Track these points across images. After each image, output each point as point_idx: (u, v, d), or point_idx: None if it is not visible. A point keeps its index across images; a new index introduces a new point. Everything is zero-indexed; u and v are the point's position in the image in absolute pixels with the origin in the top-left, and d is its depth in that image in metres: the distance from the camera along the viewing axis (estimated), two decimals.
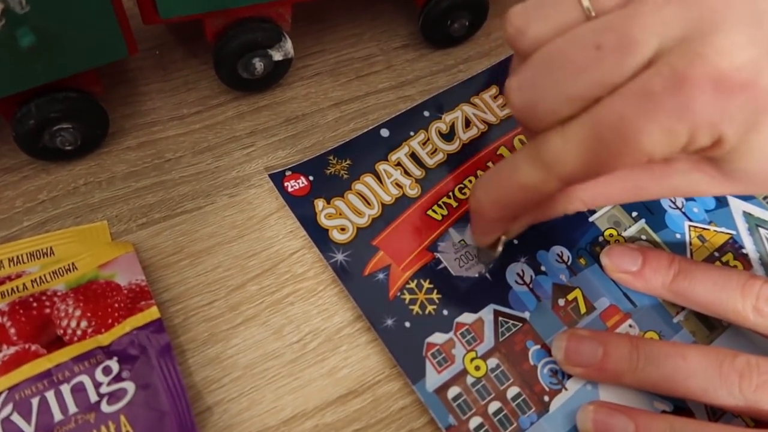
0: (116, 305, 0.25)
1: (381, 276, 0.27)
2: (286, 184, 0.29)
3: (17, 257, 0.26)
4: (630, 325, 0.28)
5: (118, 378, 0.23)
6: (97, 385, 0.22)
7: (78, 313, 0.24)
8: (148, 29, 0.32)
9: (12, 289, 0.25)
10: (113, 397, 0.22)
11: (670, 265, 0.27)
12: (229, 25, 0.28)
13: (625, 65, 0.17)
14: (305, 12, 0.34)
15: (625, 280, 0.28)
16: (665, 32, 0.17)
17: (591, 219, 0.30)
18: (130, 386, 0.23)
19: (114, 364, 0.23)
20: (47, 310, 0.24)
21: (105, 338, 0.24)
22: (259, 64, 0.29)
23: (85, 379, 0.22)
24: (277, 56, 0.29)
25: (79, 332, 0.24)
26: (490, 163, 0.31)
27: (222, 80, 0.30)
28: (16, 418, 0.21)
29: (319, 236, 0.28)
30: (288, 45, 0.29)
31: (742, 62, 0.16)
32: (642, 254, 0.28)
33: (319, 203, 0.29)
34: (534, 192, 0.20)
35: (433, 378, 0.25)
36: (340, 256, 0.27)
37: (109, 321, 0.24)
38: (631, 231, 0.30)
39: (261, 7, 0.28)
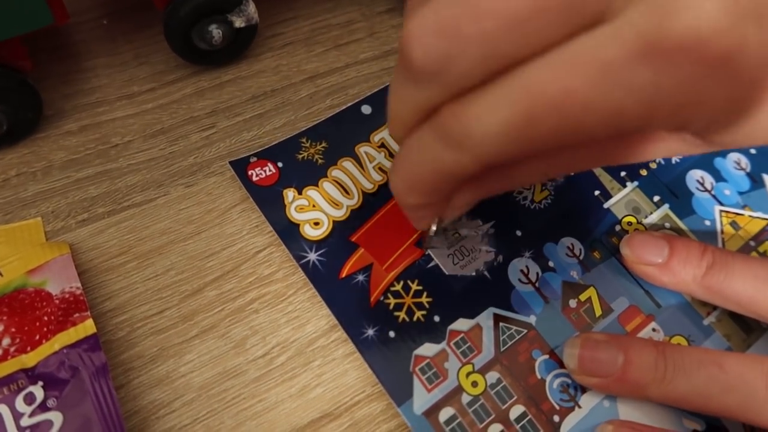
0: (45, 318, 0.21)
1: (361, 278, 0.23)
2: (250, 172, 0.25)
3: None
4: (653, 329, 0.24)
5: (42, 407, 0.19)
6: (18, 417, 0.19)
7: (0, 328, 0.20)
8: None
9: None
10: (36, 430, 0.19)
11: (702, 256, 0.23)
12: None
13: (573, 18, 0.13)
14: None
15: (649, 274, 0.24)
16: None
17: (606, 205, 0.26)
18: (56, 417, 0.19)
19: (38, 391, 0.19)
20: None
21: (30, 359, 0.20)
22: (217, 32, 0.25)
23: (2, 409, 0.19)
24: (238, 22, 0.25)
25: None
26: None
27: (176, 52, 0.26)
28: None
29: (289, 233, 0.24)
30: (251, 9, 0.25)
31: (725, 25, 0.12)
32: (669, 243, 0.24)
33: (289, 194, 0.25)
34: (449, 175, 0.16)
35: (422, 398, 0.21)
36: (312, 256, 0.23)
37: (37, 337, 0.20)
38: (653, 218, 0.26)
39: None
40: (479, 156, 0.15)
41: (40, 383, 0.19)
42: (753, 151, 0.29)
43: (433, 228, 0.22)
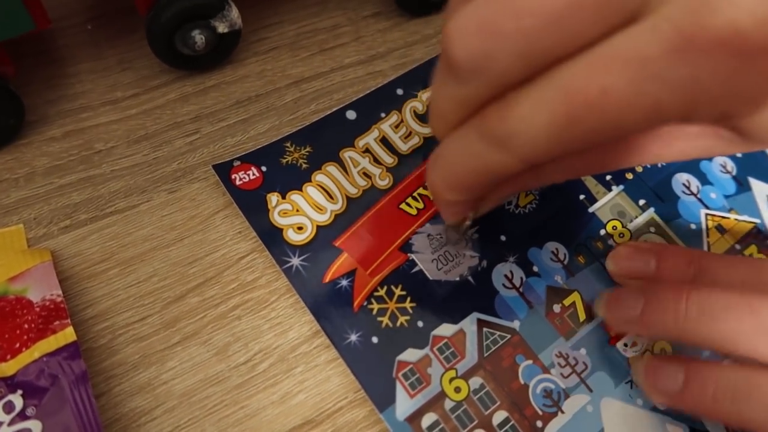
0: (26, 326, 0.21)
1: (344, 283, 0.23)
2: (233, 176, 0.25)
3: None
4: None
5: (22, 416, 0.19)
6: None
7: None
8: (78, 1, 0.28)
9: None
10: None
11: (689, 265, 0.23)
12: None
13: (609, 15, 0.13)
14: None
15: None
16: None
17: (591, 210, 0.26)
18: (35, 426, 0.19)
19: (17, 399, 0.19)
20: None
21: (9, 367, 0.20)
22: (199, 38, 0.25)
23: None
24: (221, 27, 0.25)
25: None
26: None
27: (159, 58, 0.26)
28: None
29: (272, 237, 0.24)
30: (233, 14, 0.25)
31: (760, 14, 0.12)
32: (656, 254, 0.23)
33: (273, 198, 0.25)
34: (492, 174, 0.16)
35: (404, 403, 0.21)
36: (296, 261, 0.23)
37: (16, 345, 0.20)
38: (639, 222, 0.26)
39: None
40: (524, 156, 0.15)
41: (20, 392, 0.19)
42: (739, 154, 0.29)
43: (468, 223, 0.23)
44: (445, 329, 0.23)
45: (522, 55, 0.14)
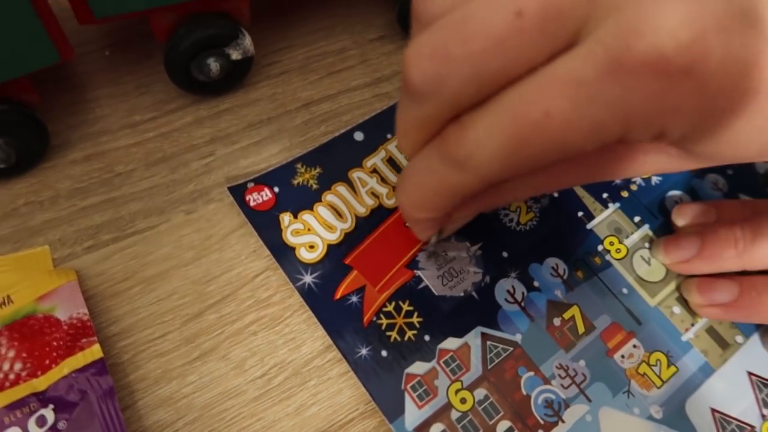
0: (54, 344, 0.22)
1: (354, 299, 0.24)
2: (248, 197, 0.26)
3: None
4: (634, 345, 0.25)
5: (54, 429, 0.20)
6: None
7: (11, 354, 0.22)
8: (97, 27, 0.30)
9: None
10: None
11: (742, 207, 0.27)
12: (180, 22, 0.25)
13: (549, 40, 0.14)
14: (269, 4, 0.31)
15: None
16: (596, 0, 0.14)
17: (589, 226, 0.27)
18: None
19: (49, 413, 0.20)
20: None
21: (40, 383, 0.21)
22: (214, 65, 0.26)
23: (16, 431, 0.20)
24: (235, 55, 0.26)
25: (12, 376, 0.21)
26: None
27: (176, 84, 0.27)
28: None
29: (285, 256, 0.25)
30: (247, 42, 0.26)
31: (685, 40, 0.13)
32: (714, 205, 0.27)
33: (285, 218, 0.26)
34: (455, 193, 0.17)
35: (413, 414, 0.23)
36: (308, 278, 0.25)
37: (46, 362, 0.21)
38: (634, 237, 0.27)
39: (215, 2, 0.25)
40: (481, 176, 0.16)
41: (51, 406, 0.21)
42: (730, 171, 0.30)
43: (434, 240, 0.24)
44: (451, 343, 0.24)
45: (471, 78, 0.15)
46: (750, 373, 0.25)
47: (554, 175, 0.21)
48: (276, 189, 0.26)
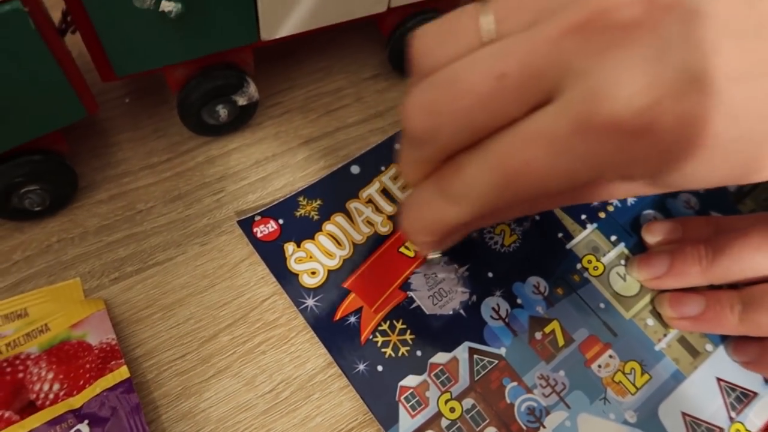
0: (87, 366, 0.25)
1: (352, 320, 0.27)
2: (255, 229, 0.29)
3: None
4: (610, 356, 0.27)
5: None
6: None
7: (50, 375, 0.24)
8: None
9: None
10: None
11: (707, 224, 0.29)
12: (191, 75, 0.28)
13: (528, 98, 0.17)
14: (271, 50, 0.34)
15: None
16: (567, 64, 0.16)
17: (568, 246, 0.30)
18: None
19: (85, 428, 0.23)
20: (20, 375, 0.24)
21: (76, 401, 0.24)
22: (223, 111, 0.29)
23: None
24: (241, 101, 0.29)
25: (51, 396, 0.24)
26: None
27: (189, 128, 0.30)
28: None
29: (290, 282, 0.28)
30: (251, 89, 0.29)
31: (641, 105, 0.15)
32: (681, 223, 0.29)
33: (290, 247, 0.28)
34: (452, 223, 0.19)
35: (406, 423, 0.25)
36: (310, 302, 0.27)
37: (81, 383, 0.24)
38: (611, 255, 0.30)
39: (222, 55, 0.28)
40: (474, 210, 0.19)
41: (86, 421, 0.23)
42: (701, 191, 0.32)
43: (436, 256, 0.27)
44: (441, 357, 0.27)
45: (461, 129, 0.17)
46: (719, 379, 0.27)
47: (538, 204, 0.24)
48: (281, 221, 0.29)
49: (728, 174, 0.18)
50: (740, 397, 0.27)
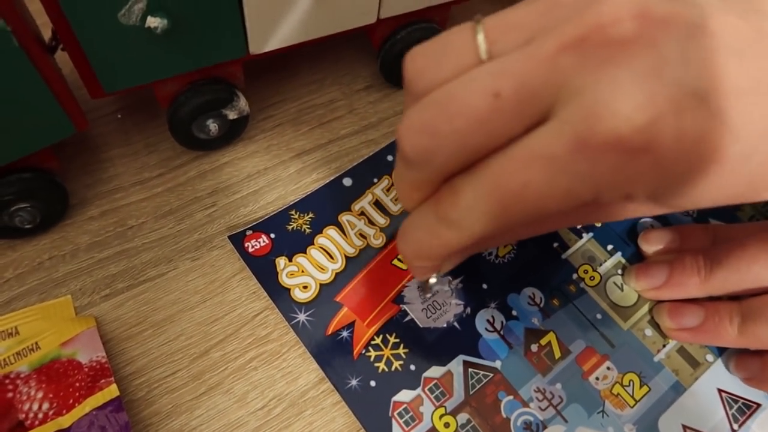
0: (77, 384, 0.24)
1: (345, 334, 0.27)
2: (246, 244, 0.29)
3: None
4: (608, 368, 0.27)
5: None
6: None
7: (40, 395, 0.24)
8: None
9: None
10: None
11: (705, 233, 0.28)
12: (180, 90, 0.28)
13: (525, 117, 0.16)
14: (262, 63, 0.34)
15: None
16: (563, 82, 0.15)
17: (564, 256, 0.29)
18: None
19: None
20: (10, 395, 0.24)
21: (65, 420, 0.24)
22: (213, 125, 0.29)
23: None
24: (231, 115, 0.29)
25: (40, 415, 0.24)
26: None
27: (179, 143, 0.30)
28: None
29: (281, 296, 0.27)
30: (242, 103, 0.29)
31: (640, 123, 0.15)
32: (678, 231, 0.29)
33: (281, 261, 0.28)
34: (449, 247, 0.19)
35: None
36: (302, 317, 0.27)
37: (70, 401, 0.24)
38: (607, 265, 0.29)
39: (211, 69, 0.28)
40: (473, 235, 0.18)
41: None
42: None
43: (433, 280, 0.26)
44: (435, 371, 0.26)
45: (457, 150, 0.17)
46: (720, 390, 0.26)
47: (539, 227, 0.24)
48: (272, 235, 0.29)
49: (733, 193, 0.17)
50: (743, 409, 0.26)
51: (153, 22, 0.24)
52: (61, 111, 0.25)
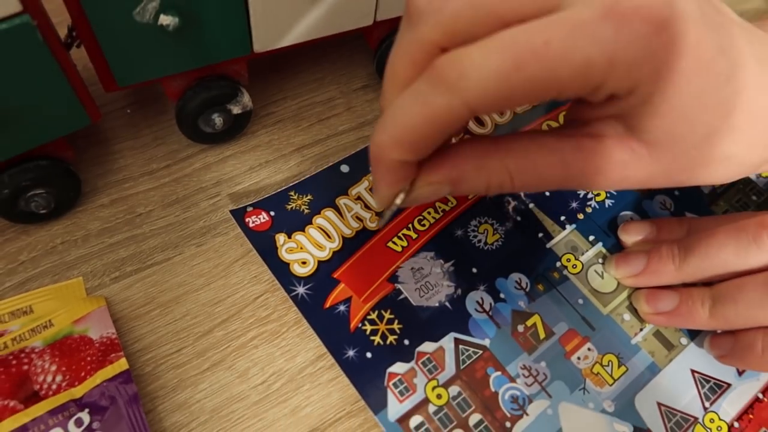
0: (88, 359, 0.26)
1: (342, 308, 0.28)
2: (247, 219, 0.30)
3: None
4: (589, 348, 0.28)
5: (89, 429, 0.24)
6: None
7: (53, 368, 0.26)
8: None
9: None
10: None
11: (680, 225, 0.30)
12: (188, 85, 0.30)
13: None
14: (265, 62, 0.36)
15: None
16: None
17: (548, 245, 0.31)
18: None
19: (85, 416, 0.24)
20: (25, 367, 0.26)
21: (78, 391, 0.25)
22: (218, 119, 0.31)
23: (58, 431, 0.24)
24: (235, 110, 0.31)
25: (54, 386, 0.25)
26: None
27: (186, 136, 0.32)
28: None
29: (281, 270, 0.29)
30: (245, 98, 0.31)
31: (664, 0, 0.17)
32: (655, 223, 0.31)
33: (280, 237, 0.30)
34: (438, 123, 0.18)
35: (395, 407, 0.26)
36: (301, 290, 0.29)
37: (82, 374, 0.26)
38: (589, 254, 0.31)
39: (217, 66, 0.30)
40: (470, 98, 0.17)
41: (87, 410, 0.24)
42: (676, 192, 0.33)
43: (397, 202, 0.22)
44: (428, 346, 0.28)
45: (470, 4, 0.17)
46: (693, 371, 0.28)
47: (531, 161, 0.21)
48: (272, 213, 0.31)
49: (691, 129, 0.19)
50: (714, 388, 0.28)
51: (165, 20, 0.25)
52: (78, 103, 0.27)
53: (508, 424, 0.26)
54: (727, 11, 0.20)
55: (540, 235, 0.31)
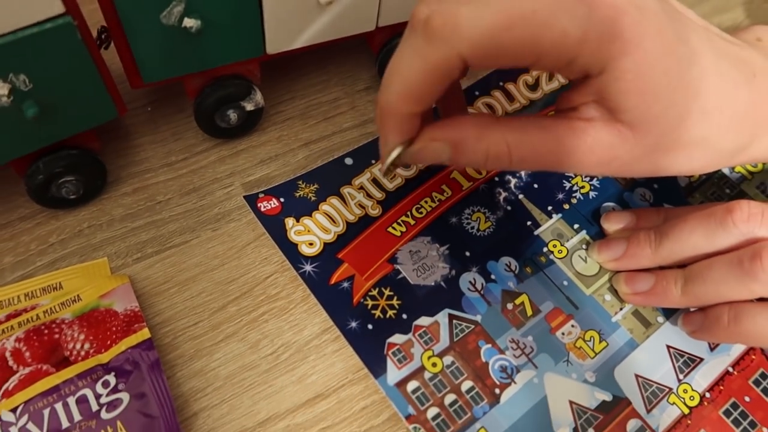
0: (114, 329, 0.28)
1: (346, 285, 0.31)
2: (259, 204, 0.33)
3: (31, 292, 0.30)
4: (572, 325, 0.31)
5: (115, 390, 0.26)
6: (98, 396, 0.26)
7: (82, 337, 0.28)
8: (140, 89, 0.37)
9: (27, 319, 0.29)
10: (111, 405, 0.26)
11: (658, 214, 0.33)
12: (206, 83, 0.33)
13: None
14: (275, 64, 0.39)
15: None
16: None
17: (536, 233, 0.34)
18: (125, 396, 0.26)
19: (112, 378, 0.27)
20: (56, 336, 0.28)
21: (104, 357, 0.27)
22: (233, 115, 0.34)
23: (87, 392, 0.26)
24: (249, 107, 0.34)
25: (82, 353, 0.28)
26: (444, 186, 0.35)
27: (203, 130, 0.35)
28: (30, 426, 0.25)
29: (290, 250, 0.32)
30: (258, 96, 0.34)
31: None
32: (635, 213, 0.33)
33: (290, 221, 0.32)
34: (437, 72, 0.20)
35: (393, 373, 0.28)
36: (308, 267, 0.31)
37: (108, 342, 0.28)
38: (573, 241, 0.33)
39: (232, 66, 0.33)
40: (463, 50, 0.20)
41: (113, 373, 0.27)
42: (656, 185, 0.36)
43: (395, 154, 0.24)
44: (424, 320, 0.30)
45: None
46: (668, 347, 0.30)
47: (529, 136, 0.23)
48: (282, 199, 0.33)
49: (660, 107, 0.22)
50: (688, 362, 0.30)
51: (189, 22, 0.28)
52: (108, 97, 0.29)
53: (497, 391, 0.29)
54: (685, 10, 0.23)
55: (528, 223, 0.34)
